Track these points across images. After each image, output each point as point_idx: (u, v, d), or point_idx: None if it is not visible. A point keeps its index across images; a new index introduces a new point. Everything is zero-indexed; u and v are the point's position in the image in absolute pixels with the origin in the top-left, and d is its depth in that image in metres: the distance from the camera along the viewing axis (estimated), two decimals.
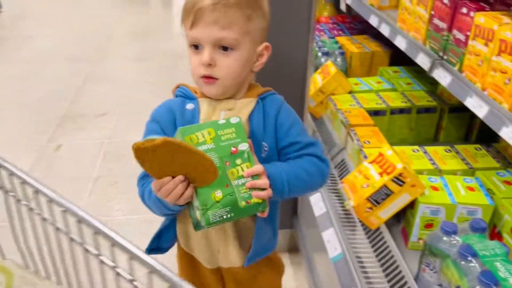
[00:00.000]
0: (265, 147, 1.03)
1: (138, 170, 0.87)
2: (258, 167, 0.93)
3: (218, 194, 0.88)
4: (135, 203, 0.74)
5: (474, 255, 1.04)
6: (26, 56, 4.23)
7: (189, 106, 1.04)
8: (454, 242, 1.11)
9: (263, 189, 0.93)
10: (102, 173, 0.71)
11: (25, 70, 3.92)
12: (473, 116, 1.92)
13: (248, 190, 0.91)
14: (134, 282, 0.60)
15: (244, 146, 0.93)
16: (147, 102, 3.51)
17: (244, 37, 0.99)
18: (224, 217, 0.88)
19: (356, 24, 2.94)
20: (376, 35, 2.69)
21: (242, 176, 0.91)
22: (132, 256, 0.57)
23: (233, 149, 0.92)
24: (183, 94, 1.08)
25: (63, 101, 3.33)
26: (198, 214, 0.88)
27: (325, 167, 1.07)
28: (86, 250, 0.65)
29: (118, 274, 0.61)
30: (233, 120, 0.94)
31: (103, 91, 3.56)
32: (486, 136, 1.77)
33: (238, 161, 0.91)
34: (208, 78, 0.99)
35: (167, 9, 6.04)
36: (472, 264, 1.02)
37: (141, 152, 0.76)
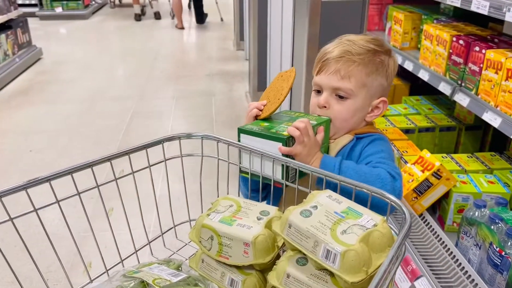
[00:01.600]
0: None
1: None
2: (305, 119, 1.02)
3: (265, 124, 1.07)
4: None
5: (501, 219, 1.44)
6: (74, 97, 4.71)
7: None
8: (485, 213, 1.51)
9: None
10: (164, 192, 0.91)
11: (78, 108, 4.40)
12: (485, 132, 2.36)
13: (285, 128, 1.03)
14: None
15: (313, 123, 1.06)
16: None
17: (360, 89, 1.09)
18: (254, 129, 1.03)
19: None
20: None
21: (289, 125, 1.04)
22: None
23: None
24: None
25: (117, 133, 3.78)
26: None
27: (392, 179, 0.98)
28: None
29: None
30: (324, 116, 1.11)
31: (150, 125, 4.01)
32: (496, 149, 2.21)
33: None
34: None
35: (193, 56, 6.61)
36: (500, 225, 1.43)
37: (278, 75, 1.12)
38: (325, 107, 1.12)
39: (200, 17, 8.22)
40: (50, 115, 4.22)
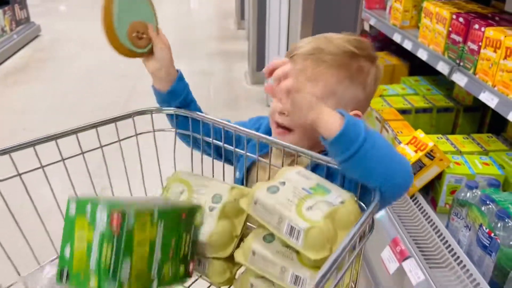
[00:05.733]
0: None
1: None
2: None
3: None
4: None
5: (492, 200, 1.39)
6: (72, 75, 4.66)
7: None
8: (476, 194, 1.47)
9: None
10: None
11: (77, 86, 4.35)
12: (483, 115, 2.30)
13: None
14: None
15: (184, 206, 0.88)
16: None
17: (328, 97, 0.88)
18: None
19: (376, 42, 3.35)
20: (395, 51, 3.10)
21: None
22: None
23: None
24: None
25: (113, 113, 3.74)
26: None
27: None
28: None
29: None
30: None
31: (147, 105, 3.96)
32: (494, 130, 2.15)
33: None
34: (280, 127, 0.94)
35: (195, 32, 6.52)
36: (491, 207, 1.38)
37: None
38: (284, 113, 0.91)
39: None
40: (46, 94, 4.18)
